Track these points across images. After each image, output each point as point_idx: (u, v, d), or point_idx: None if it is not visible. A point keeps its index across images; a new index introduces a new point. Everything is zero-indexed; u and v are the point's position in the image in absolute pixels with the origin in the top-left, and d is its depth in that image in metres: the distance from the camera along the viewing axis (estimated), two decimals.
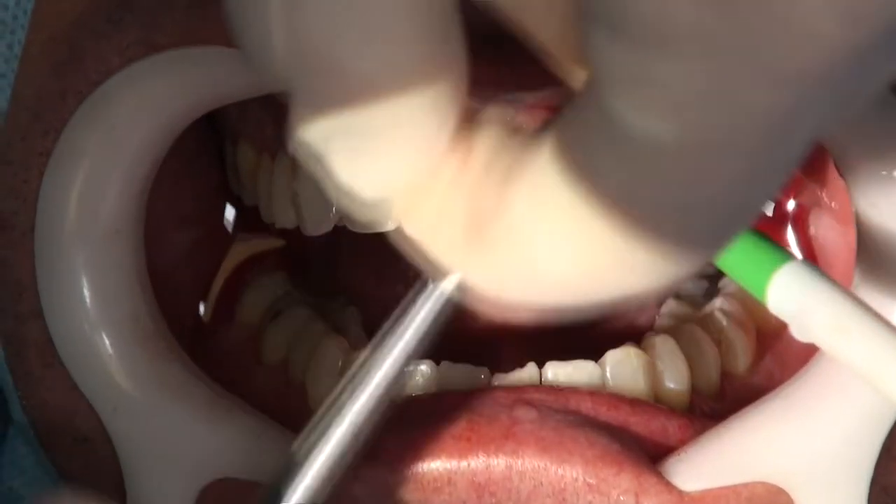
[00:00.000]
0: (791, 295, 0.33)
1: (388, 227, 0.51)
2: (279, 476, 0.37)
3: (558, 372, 0.51)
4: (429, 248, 0.32)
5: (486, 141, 0.30)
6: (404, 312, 0.37)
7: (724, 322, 0.56)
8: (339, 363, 0.54)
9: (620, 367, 0.52)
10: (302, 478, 0.36)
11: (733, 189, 0.25)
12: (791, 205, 0.58)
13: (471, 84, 0.45)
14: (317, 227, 0.53)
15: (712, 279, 0.62)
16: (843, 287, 0.33)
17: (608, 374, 0.52)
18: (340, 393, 0.38)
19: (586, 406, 0.47)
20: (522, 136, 0.29)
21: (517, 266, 0.29)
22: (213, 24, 0.44)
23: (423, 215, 0.31)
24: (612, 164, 0.25)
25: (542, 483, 0.44)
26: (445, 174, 0.30)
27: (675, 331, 0.56)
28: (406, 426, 0.46)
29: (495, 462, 0.44)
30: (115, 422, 0.46)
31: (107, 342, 0.46)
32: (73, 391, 0.46)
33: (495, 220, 0.28)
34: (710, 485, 0.44)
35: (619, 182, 0.25)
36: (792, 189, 0.57)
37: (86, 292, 0.46)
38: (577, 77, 0.31)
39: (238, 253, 0.62)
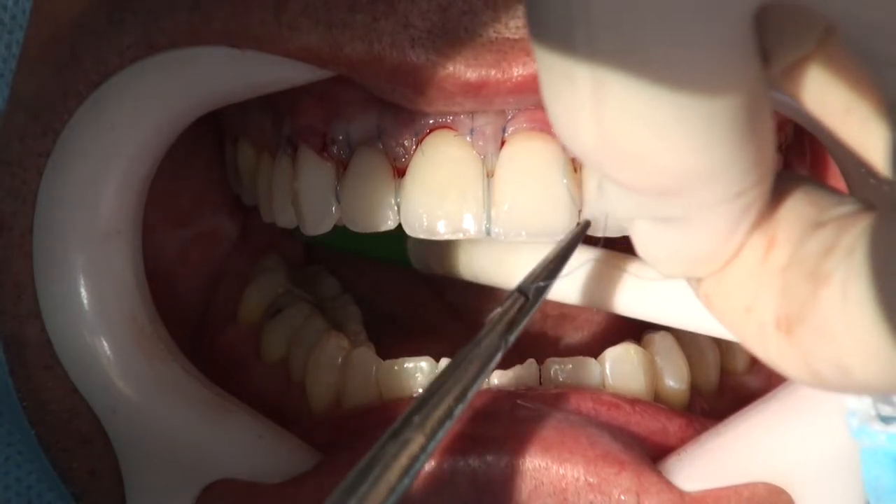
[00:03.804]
0: None
1: (389, 225, 0.52)
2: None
3: (558, 369, 0.51)
4: (736, 333, 0.33)
5: (790, 232, 0.30)
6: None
7: None
8: (339, 361, 0.54)
9: (620, 364, 0.52)
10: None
11: None
12: None
13: (472, 90, 0.45)
14: (316, 226, 0.53)
15: None
16: None
17: (608, 372, 0.52)
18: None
19: (587, 406, 0.48)
20: (826, 233, 0.29)
21: (827, 364, 0.29)
22: (213, 24, 0.44)
23: (730, 304, 0.32)
24: None
25: (542, 482, 0.44)
26: (749, 257, 0.31)
27: (675, 328, 0.56)
28: None
29: (496, 461, 0.44)
30: (114, 423, 0.46)
31: (105, 344, 0.46)
32: (72, 393, 0.46)
33: (806, 320, 0.29)
34: (711, 485, 0.44)
35: None
36: None
37: (84, 293, 0.46)
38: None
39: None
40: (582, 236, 0.48)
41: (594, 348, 0.53)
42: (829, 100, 0.29)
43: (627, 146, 0.27)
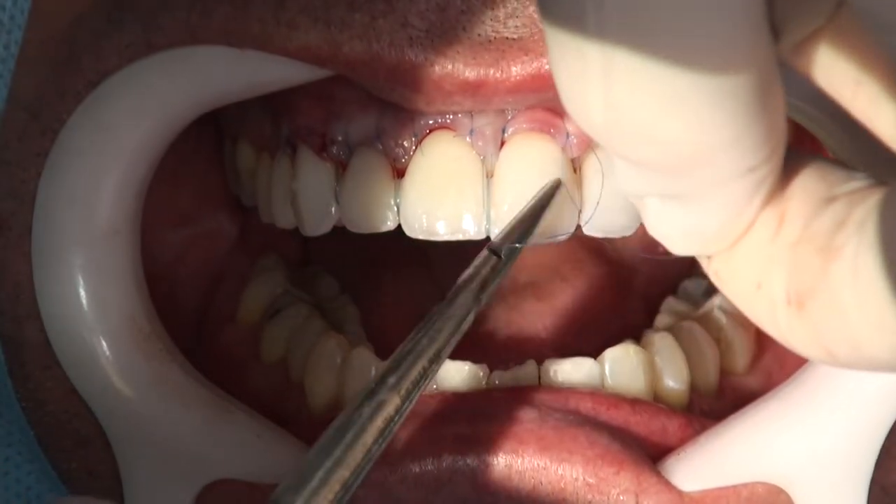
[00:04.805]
0: None
1: (389, 226, 0.51)
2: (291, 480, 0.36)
3: (557, 369, 0.51)
4: (747, 310, 0.33)
5: (801, 207, 0.30)
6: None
7: (724, 320, 0.56)
8: (339, 361, 0.54)
9: (619, 364, 0.52)
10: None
11: None
12: None
13: (470, 90, 0.45)
14: (316, 227, 0.53)
15: None
16: None
17: (607, 372, 0.52)
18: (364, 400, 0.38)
19: (586, 406, 0.48)
20: (837, 207, 0.29)
21: (837, 339, 0.29)
22: (212, 24, 0.44)
23: (741, 281, 0.32)
24: None
25: (541, 482, 0.44)
26: (760, 233, 0.31)
27: (674, 328, 0.56)
28: (406, 425, 0.46)
29: (495, 461, 0.44)
30: (113, 423, 0.46)
31: (104, 344, 0.46)
32: (71, 393, 0.46)
33: (817, 295, 0.29)
34: (710, 484, 0.44)
35: None
36: None
37: (83, 293, 0.46)
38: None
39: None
40: (553, 194, 0.48)
41: (594, 348, 0.53)
42: (840, 74, 0.29)
43: (637, 123, 0.27)
